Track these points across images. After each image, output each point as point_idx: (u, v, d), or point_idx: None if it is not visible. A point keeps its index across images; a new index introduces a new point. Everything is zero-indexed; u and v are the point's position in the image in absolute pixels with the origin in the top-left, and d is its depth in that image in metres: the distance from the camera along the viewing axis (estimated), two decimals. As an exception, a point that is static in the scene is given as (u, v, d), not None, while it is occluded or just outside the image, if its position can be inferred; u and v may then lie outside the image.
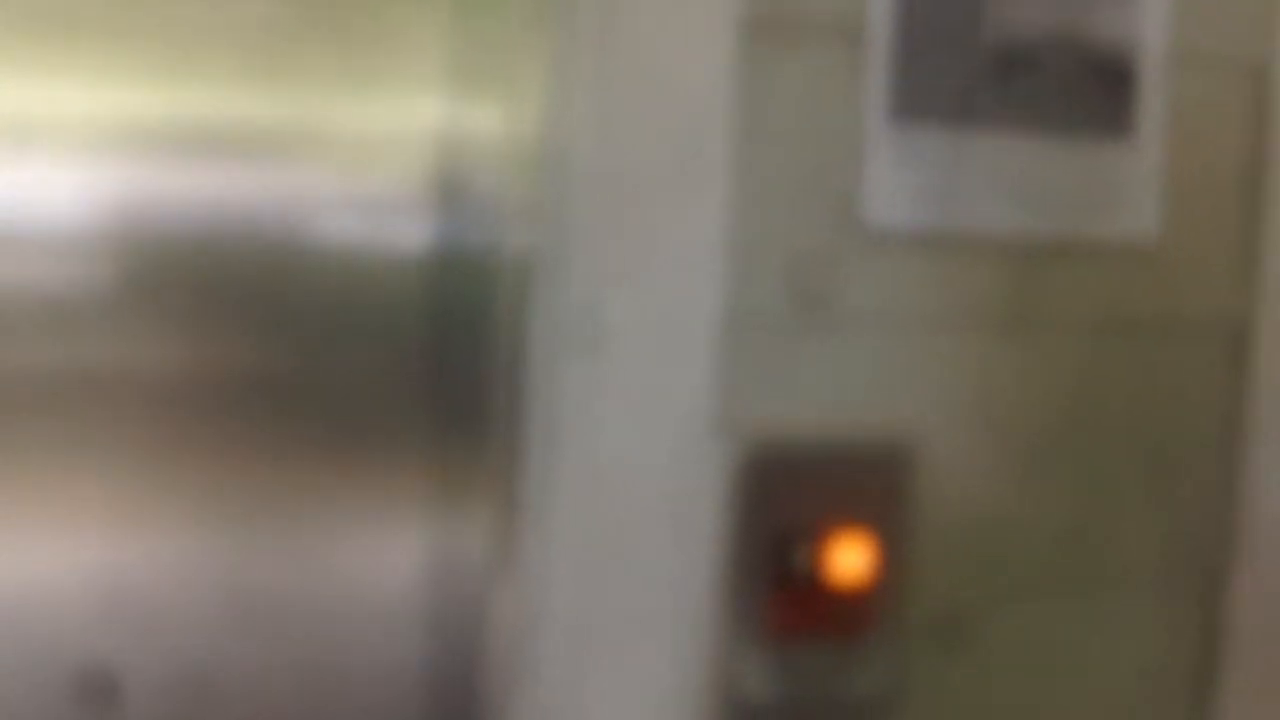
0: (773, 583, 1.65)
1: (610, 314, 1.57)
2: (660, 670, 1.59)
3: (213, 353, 1.18)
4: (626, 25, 1.57)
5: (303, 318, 1.20)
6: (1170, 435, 1.85)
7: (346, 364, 1.24)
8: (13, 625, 1.11)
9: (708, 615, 1.62)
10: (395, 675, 1.36)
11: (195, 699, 1.20)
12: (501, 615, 1.44)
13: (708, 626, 1.62)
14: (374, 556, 1.27)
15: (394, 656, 1.34)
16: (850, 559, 1.65)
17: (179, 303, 1.17)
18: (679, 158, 1.63)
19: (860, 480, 1.69)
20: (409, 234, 1.26)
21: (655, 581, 1.60)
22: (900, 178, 1.74)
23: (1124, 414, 1.83)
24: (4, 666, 1.10)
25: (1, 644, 1.10)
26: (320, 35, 1.20)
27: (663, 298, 1.60)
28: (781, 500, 1.66)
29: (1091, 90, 1.80)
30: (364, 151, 1.25)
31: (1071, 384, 1.81)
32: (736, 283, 1.66)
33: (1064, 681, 1.82)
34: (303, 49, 1.20)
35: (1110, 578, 1.84)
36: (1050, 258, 1.80)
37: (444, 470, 1.33)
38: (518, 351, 1.38)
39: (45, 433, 1.14)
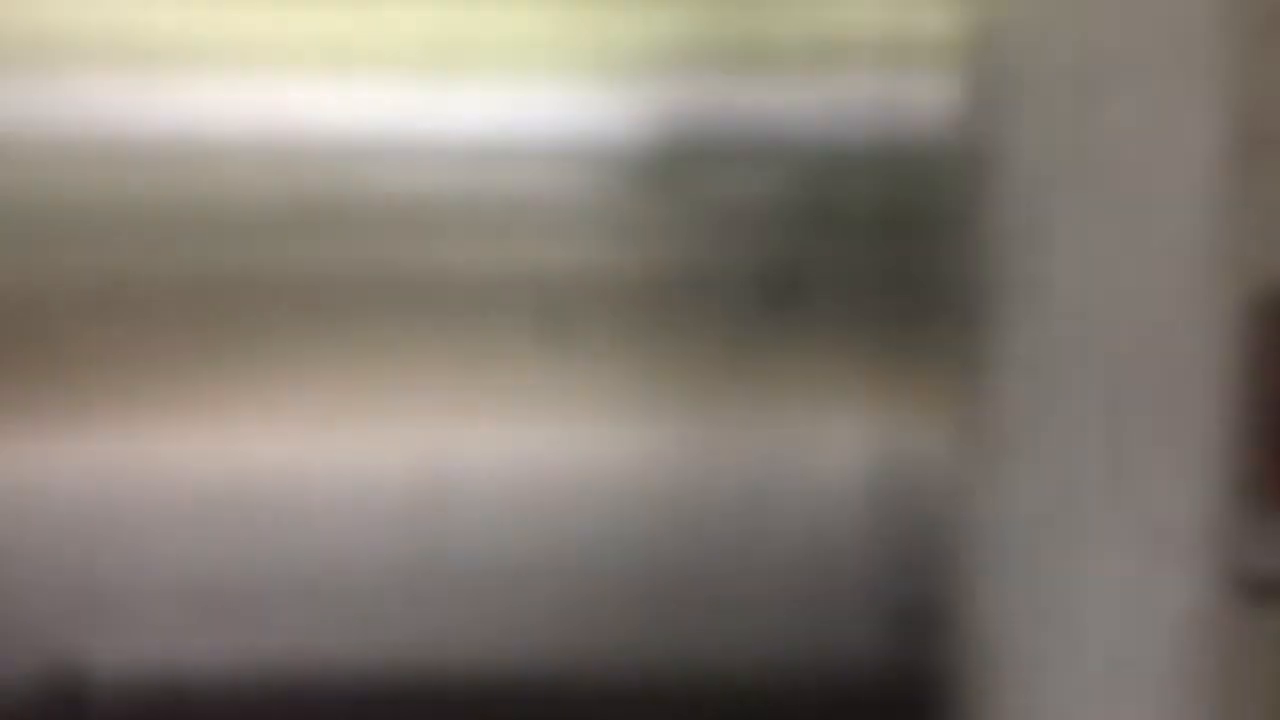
0: (1286, 448, 1.46)
1: (1097, 154, 1.41)
2: (1149, 544, 1.44)
3: (695, 250, 1.27)
4: None
5: (776, 215, 1.27)
6: None
7: (813, 258, 1.29)
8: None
9: (1208, 481, 1.45)
10: (849, 565, 1.33)
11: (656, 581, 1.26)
12: (965, 491, 1.37)
13: (1207, 494, 1.45)
14: (832, 442, 1.30)
15: (848, 546, 1.32)
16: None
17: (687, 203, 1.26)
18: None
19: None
20: (867, 130, 1.30)
21: (1146, 445, 1.44)
22: None
23: None
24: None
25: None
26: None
27: (1159, 124, 1.43)
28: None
29: None
30: (818, 56, 1.29)
31: None
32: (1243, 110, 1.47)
33: None
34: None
35: None
36: None
37: (906, 349, 1.32)
38: (981, 228, 1.35)
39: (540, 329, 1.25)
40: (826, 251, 1.29)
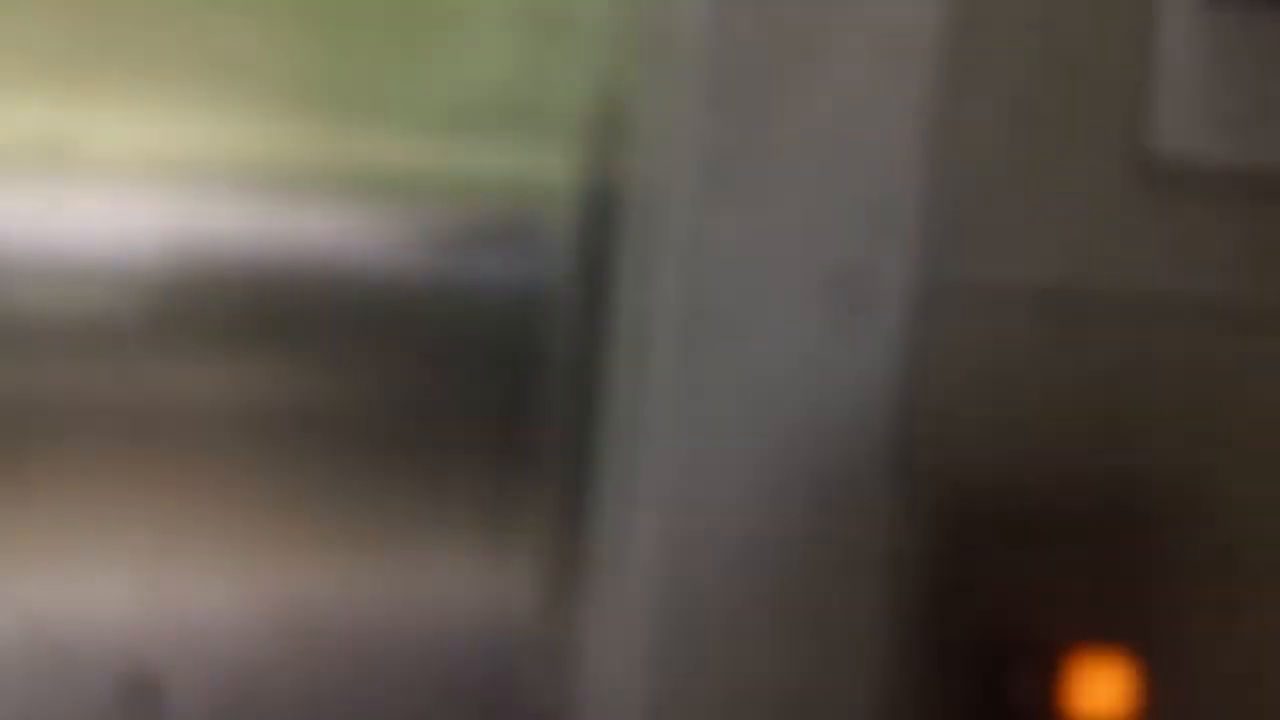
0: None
1: (718, 297, 1.06)
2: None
3: (255, 383, 1.22)
4: None
5: (354, 349, 1.23)
6: None
7: (396, 394, 1.23)
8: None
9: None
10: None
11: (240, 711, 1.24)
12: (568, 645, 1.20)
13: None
14: (420, 590, 1.24)
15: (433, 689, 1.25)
16: (1106, 692, 1.04)
17: (220, 333, 1.22)
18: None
19: (1123, 553, 1.08)
20: (462, 265, 1.25)
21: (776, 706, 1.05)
22: (1209, 87, 1.17)
23: None
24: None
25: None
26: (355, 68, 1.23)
27: (804, 266, 1.07)
28: (993, 580, 1.06)
29: None
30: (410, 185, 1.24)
31: None
32: (939, 253, 1.10)
33: None
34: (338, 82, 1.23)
35: None
36: None
37: (504, 506, 1.22)
38: (585, 368, 1.21)
39: (71, 459, 1.23)
40: (422, 385, 1.22)
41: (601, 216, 1.20)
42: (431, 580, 1.23)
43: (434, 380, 1.23)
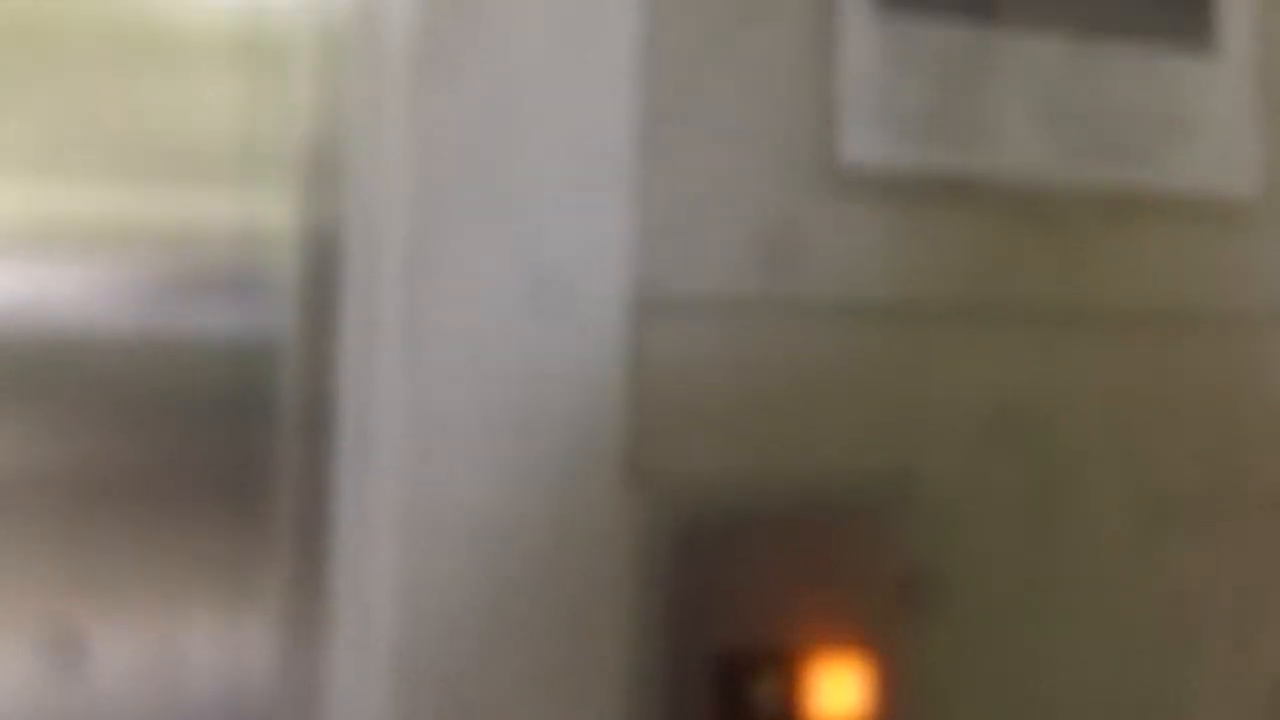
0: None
1: (435, 302, 1.04)
2: None
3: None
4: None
5: (79, 407, 1.19)
6: (1270, 465, 1.29)
7: (124, 450, 1.19)
8: None
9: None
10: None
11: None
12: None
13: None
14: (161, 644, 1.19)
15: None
16: (842, 692, 1.04)
17: None
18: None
19: (846, 555, 1.09)
20: (185, 316, 1.21)
21: (536, 680, 1.04)
22: (889, 97, 1.17)
23: (1200, 436, 1.28)
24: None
25: None
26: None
27: (516, 282, 1.05)
28: (726, 592, 1.05)
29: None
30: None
31: (1126, 396, 1.25)
32: (647, 263, 1.09)
33: None
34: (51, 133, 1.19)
35: (1218, 687, 1.26)
36: (1097, 219, 1.24)
37: (240, 555, 1.19)
38: (313, 408, 1.18)
39: None
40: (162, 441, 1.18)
41: (322, 258, 1.17)
42: (171, 634, 1.18)
43: (162, 433, 1.18)
